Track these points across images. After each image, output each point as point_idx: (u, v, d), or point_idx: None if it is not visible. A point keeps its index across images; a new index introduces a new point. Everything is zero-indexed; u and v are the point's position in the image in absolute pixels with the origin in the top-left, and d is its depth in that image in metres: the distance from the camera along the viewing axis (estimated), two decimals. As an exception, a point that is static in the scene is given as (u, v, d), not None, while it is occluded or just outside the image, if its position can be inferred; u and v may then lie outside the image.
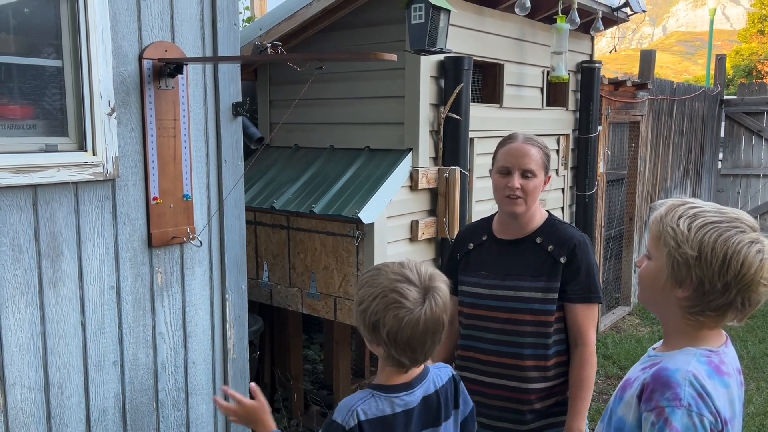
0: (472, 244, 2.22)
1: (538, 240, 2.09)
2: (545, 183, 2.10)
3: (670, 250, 1.28)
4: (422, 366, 1.54)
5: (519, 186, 2.04)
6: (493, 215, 2.27)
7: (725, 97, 8.96)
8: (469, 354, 2.18)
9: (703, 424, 1.20)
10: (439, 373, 1.60)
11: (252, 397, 1.58)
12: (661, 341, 1.42)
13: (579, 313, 2.06)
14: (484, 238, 2.20)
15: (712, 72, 9.87)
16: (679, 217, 1.29)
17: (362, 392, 1.51)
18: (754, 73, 22.66)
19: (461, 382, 1.64)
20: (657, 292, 1.34)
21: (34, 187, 1.99)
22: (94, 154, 2.11)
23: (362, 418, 1.45)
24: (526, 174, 2.05)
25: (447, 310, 1.47)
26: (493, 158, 2.16)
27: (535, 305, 2.05)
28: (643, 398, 1.27)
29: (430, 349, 1.47)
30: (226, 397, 1.72)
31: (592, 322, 2.07)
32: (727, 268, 1.24)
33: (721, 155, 9.12)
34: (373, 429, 1.45)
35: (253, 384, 1.63)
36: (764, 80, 17.90)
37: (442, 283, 1.49)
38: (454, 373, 1.64)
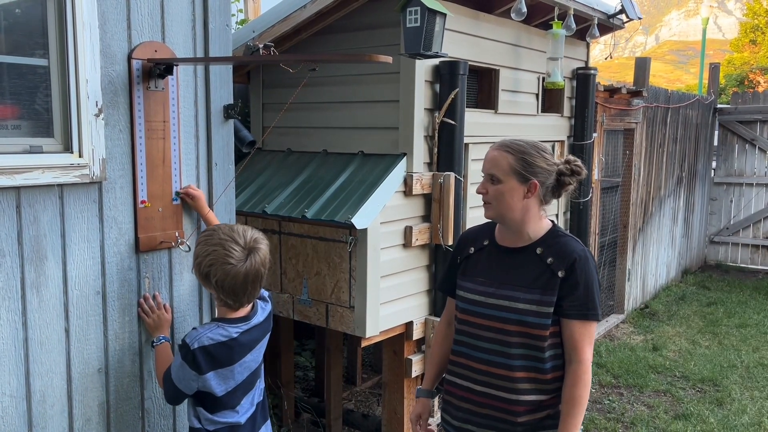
0: (473, 249, 2.17)
1: (539, 251, 2.03)
2: (530, 191, 2.00)
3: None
4: (251, 305, 2.09)
5: (484, 191, 2.04)
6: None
7: (719, 105, 8.98)
8: (461, 360, 2.13)
9: None
10: (264, 307, 2.17)
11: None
12: None
13: (575, 329, 1.98)
14: (486, 243, 2.15)
15: (705, 81, 9.89)
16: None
17: (210, 324, 2.03)
18: (746, 83, 22.81)
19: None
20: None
21: (18, 189, 1.93)
22: (80, 156, 2.05)
23: (205, 343, 1.96)
24: (491, 179, 2.03)
25: (266, 265, 2.00)
26: None
27: (528, 317, 1.99)
28: None
29: (251, 294, 2.00)
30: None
31: (588, 339, 1.99)
32: None
33: (714, 163, 9.13)
34: (214, 351, 1.97)
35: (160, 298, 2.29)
36: (756, 89, 17.99)
37: (263, 245, 2.00)
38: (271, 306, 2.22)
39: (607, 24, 4.90)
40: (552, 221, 2.12)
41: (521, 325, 2.00)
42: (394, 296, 3.40)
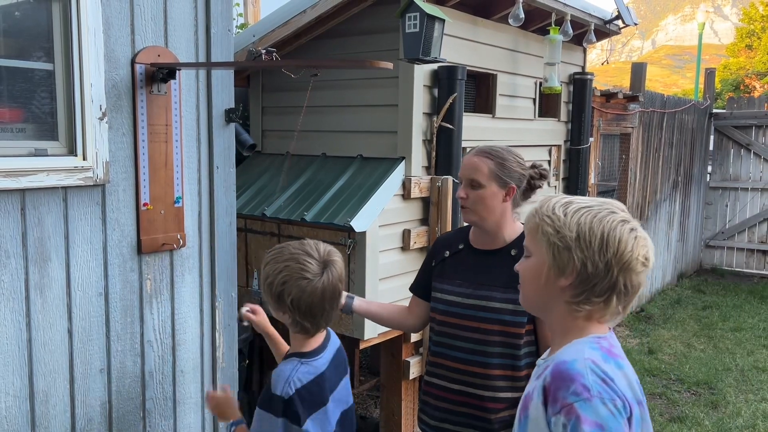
0: (448, 252, 2.24)
1: (513, 252, 2.10)
2: (508, 195, 2.08)
3: (549, 238, 1.27)
4: (325, 331, 1.81)
5: (465, 195, 2.09)
6: (470, 226, 2.28)
7: (715, 110, 9.03)
8: (439, 360, 2.19)
9: (618, 409, 1.15)
10: (333, 334, 1.90)
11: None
12: (547, 351, 1.37)
13: (546, 328, 2.06)
14: (461, 246, 2.21)
15: (701, 86, 9.95)
16: (554, 206, 1.29)
17: (290, 363, 1.71)
18: (742, 87, 22.92)
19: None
20: (540, 288, 1.31)
21: (22, 191, 1.95)
22: (84, 159, 2.08)
23: (298, 385, 1.66)
24: (472, 184, 2.08)
25: (342, 281, 1.73)
26: None
27: (505, 316, 2.05)
28: (548, 402, 1.19)
29: (329, 314, 1.72)
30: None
31: None
32: (606, 246, 1.23)
33: (710, 168, 9.18)
34: (308, 392, 1.67)
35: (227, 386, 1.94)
36: (752, 94, 18.08)
37: (338, 258, 1.74)
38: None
39: (604, 29, 4.94)
40: (523, 224, 2.18)
41: (499, 324, 2.06)
42: (392, 299, 3.43)
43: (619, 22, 4.98)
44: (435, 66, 3.47)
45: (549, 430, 1.17)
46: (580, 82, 4.88)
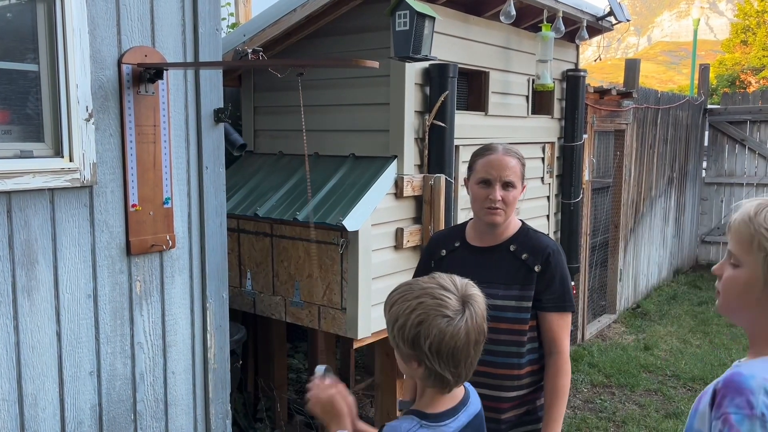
0: (444, 251, 2.22)
1: (512, 248, 2.09)
2: (521, 192, 2.11)
3: (767, 255, 1.15)
4: (463, 387, 1.44)
5: (501, 198, 2.05)
6: (465, 222, 2.28)
7: (709, 106, 9.04)
8: None
9: None
10: (473, 394, 1.51)
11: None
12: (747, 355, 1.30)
13: (553, 321, 2.06)
14: (457, 244, 2.20)
15: (696, 82, 9.95)
16: None
17: (408, 421, 1.37)
18: (738, 83, 22.93)
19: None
20: (750, 303, 1.20)
21: (8, 193, 1.94)
22: (70, 160, 2.07)
23: None
24: (506, 186, 2.06)
25: (485, 321, 1.37)
26: (470, 168, 2.16)
27: (508, 313, 2.05)
28: (714, 405, 1.15)
29: (473, 362, 1.37)
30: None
31: (566, 330, 2.08)
32: None
33: (705, 164, 9.19)
34: None
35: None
36: (747, 90, 18.10)
37: (477, 290, 1.39)
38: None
39: (596, 26, 4.94)
40: (520, 219, 2.18)
41: (504, 322, 2.05)
42: (384, 298, 3.42)
43: (612, 19, 4.97)
44: (426, 64, 3.46)
45: (709, 430, 1.16)
46: (573, 79, 4.88)
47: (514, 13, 3.81)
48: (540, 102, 4.74)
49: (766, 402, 1.09)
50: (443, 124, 3.50)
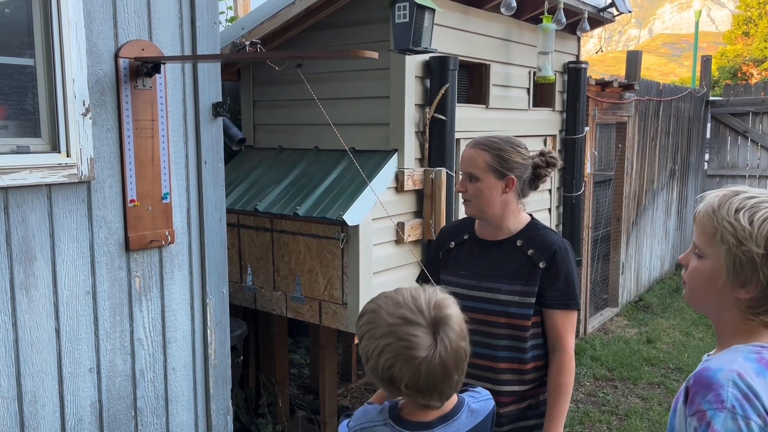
0: (453, 243, 2.21)
1: (519, 243, 2.07)
2: (508, 186, 2.04)
3: (729, 248, 1.15)
4: (455, 398, 1.36)
5: (464, 189, 2.08)
6: None
7: (711, 98, 9.00)
8: None
9: (749, 428, 1.08)
10: (478, 409, 1.40)
11: None
12: (715, 349, 1.30)
13: (557, 319, 2.03)
14: (466, 237, 2.19)
15: (698, 73, 9.90)
16: (737, 210, 1.15)
17: (379, 414, 1.35)
18: (739, 75, 22.85)
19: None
20: (713, 294, 1.21)
21: (5, 189, 1.93)
22: (68, 156, 2.05)
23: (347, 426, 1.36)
24: (470, 177, 2.06)
25: (465, 337, 1.29)
26: None
27: (511, 308, 2.03)
28: (687, 402, 1.16)
29: (458, 382, 1.30)
30: None
31: (570, 328, 2.05)
32: None
33: (707, 156, 9.15)
34: None
35: None
36: (749, 81, 18.04)
37: (451, 305, 1.31)
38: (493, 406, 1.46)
39: (598, 18, 4.90)
40: (530, 215, 2.15)
41: (506, 317, 2.04)
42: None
43: (613, 10, 4.94)
44: (427, 57, 3.43)
45: (685, 428, 1.16)
46: (574, 71, 4.85)
47: (514, 4, 3.78)
48: (541, 94, 4.71)
49: (735, 394, 1.10)
50: (444, 118, 3.47)
